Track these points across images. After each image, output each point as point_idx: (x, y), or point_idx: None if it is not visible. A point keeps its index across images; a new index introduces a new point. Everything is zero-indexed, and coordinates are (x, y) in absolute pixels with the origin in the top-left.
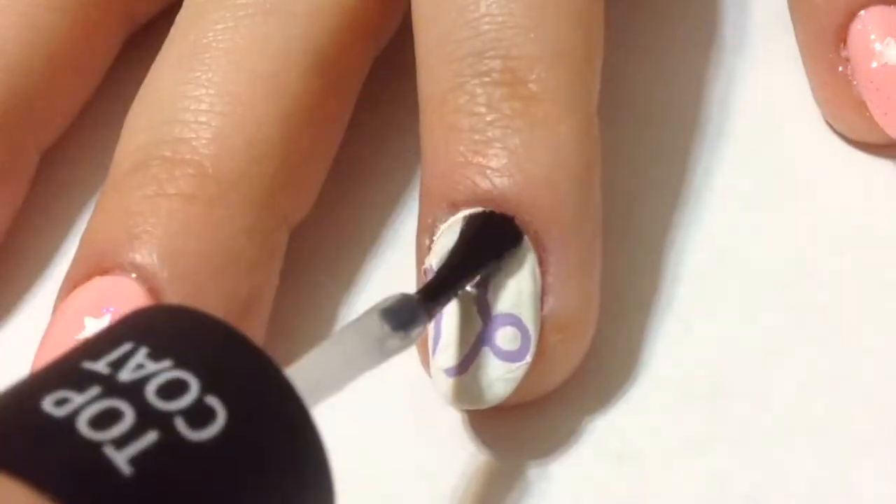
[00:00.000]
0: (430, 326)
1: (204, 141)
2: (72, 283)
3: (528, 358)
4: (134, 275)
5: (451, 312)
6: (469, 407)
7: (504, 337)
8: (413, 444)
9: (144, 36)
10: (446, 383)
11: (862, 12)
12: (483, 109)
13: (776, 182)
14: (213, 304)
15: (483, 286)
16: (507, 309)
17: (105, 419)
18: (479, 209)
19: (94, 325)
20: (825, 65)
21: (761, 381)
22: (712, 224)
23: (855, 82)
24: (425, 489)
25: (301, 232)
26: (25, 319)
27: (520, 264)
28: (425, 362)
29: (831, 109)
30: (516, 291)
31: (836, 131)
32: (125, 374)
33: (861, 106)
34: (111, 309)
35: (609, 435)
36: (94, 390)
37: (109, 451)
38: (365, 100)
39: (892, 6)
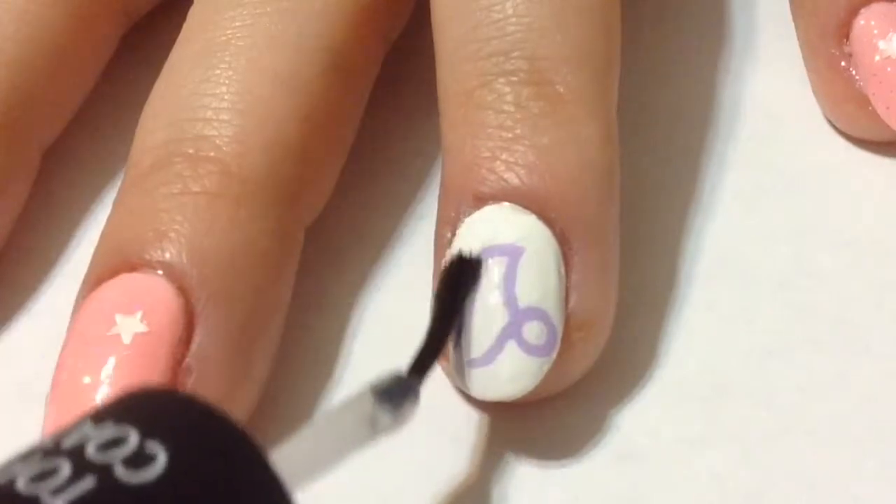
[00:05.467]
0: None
1: (226, 139)
2: (95, 280)
3: (554, 354)
4: (160, 272)
5: (475, 303)
6: (490, 399)
7: (531, 331)
8: (413, 443)
9: (143, 35)
10: (468, 374)
11: (864, 9)
12: (511, 108)
13: (777, 182)
14: (241, 304)
15: (510, 279)
16: (533, 303)
17: (44, 475)
18: (452, 257)
19: (124, 323)
20: (827, 61)
21: (761, 381)
22: (713, 224)
23: (857, 77)
24: (425, 489)
25: (307, 232)
26: (27, 320)
27: (546, 259)
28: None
29: (833, 106)
30: (543, 286)
31: (837, 131)
32: (67, 441)
33: (863, 101)
34: (142, 307)
35: (609, 435)
36: (36, 457)
37: (46, 498)
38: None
39: (893, 2)
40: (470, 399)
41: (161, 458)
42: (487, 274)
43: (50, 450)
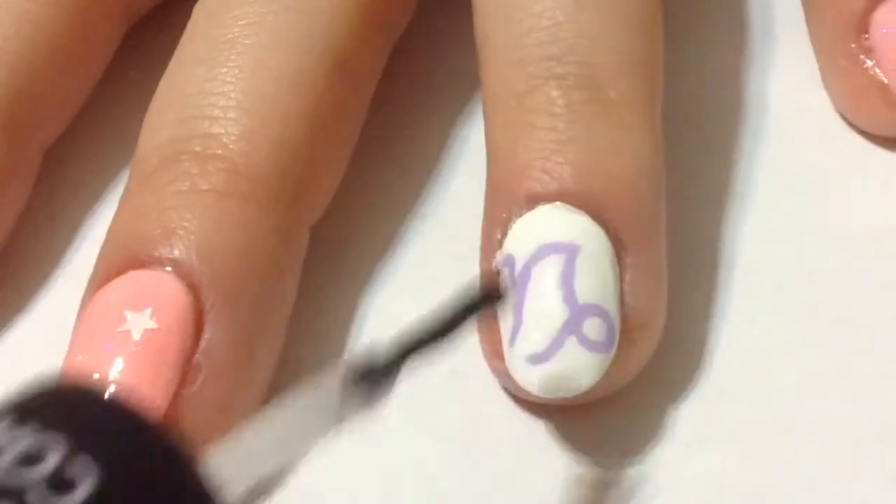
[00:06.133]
0: (510, 313)
1: (233, 137)
2: (104, 277)
3: (613, 351)
4: (169, 269)
5: (534, 298)
6: (553, 396)
7: (591, 327)
8: (413, 443)
9: (145, 35)
10: (528, 371)
11: (883, 2)
12: (562, 111)
13: (777, 182)
14: (249, 302)
15: (568, 276)
16: (593, 299)
17: None
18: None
19: (134, 319)
20: (846, 55)
21: (761, 381)
22: (713, 224)
23: (880, 71)
24: (425, 489)
25: (309, 232)
26: (28, 320)
27: (601, 258)
28: (491, 352)
29: (852, 102)
30: (602, 283)
31: (841, 130)
32: None
33: (885, 94)
34: (152, 303)
35: (609, 434)
36: None
37: None
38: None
39: None
40: (469, 399)
41: (90, 479)
42: (545, 271)
43: None
